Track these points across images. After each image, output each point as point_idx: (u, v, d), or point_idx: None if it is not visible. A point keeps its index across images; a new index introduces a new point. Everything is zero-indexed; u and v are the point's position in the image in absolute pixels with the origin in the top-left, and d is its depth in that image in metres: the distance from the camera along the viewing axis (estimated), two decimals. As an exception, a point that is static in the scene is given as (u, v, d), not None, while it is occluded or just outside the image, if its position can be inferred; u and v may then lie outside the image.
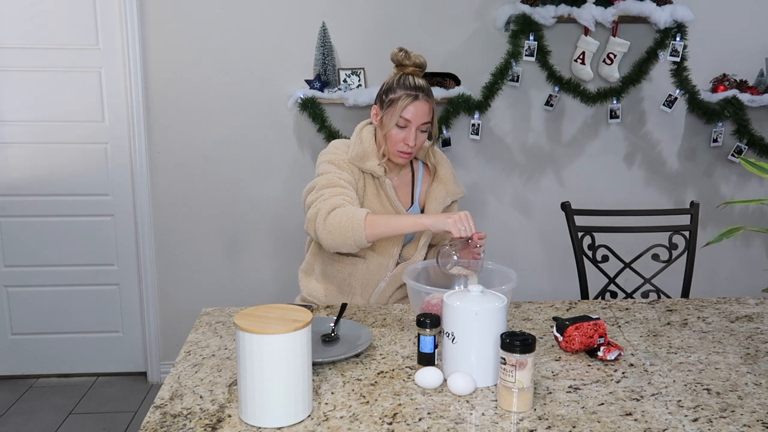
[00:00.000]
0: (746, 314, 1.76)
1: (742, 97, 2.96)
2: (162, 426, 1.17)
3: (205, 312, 1.78)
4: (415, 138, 1.85)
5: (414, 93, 1.83)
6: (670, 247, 2.25)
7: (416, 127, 1.85)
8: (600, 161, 3.17)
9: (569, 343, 1.47)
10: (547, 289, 3.25)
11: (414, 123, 1.84)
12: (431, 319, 1.38)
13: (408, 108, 1.83)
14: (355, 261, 1.96)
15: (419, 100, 1.83)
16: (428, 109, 1.85)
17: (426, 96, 1.85)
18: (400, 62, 1.89)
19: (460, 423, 1.18)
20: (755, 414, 1.22)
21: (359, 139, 1.92)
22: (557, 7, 2.87)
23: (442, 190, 1.99)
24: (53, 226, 3.09)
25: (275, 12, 2.97)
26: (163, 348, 3.24)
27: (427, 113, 1.85)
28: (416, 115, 1.83)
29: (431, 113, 1.86)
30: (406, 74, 1.87)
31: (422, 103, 1.84)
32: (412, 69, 1.88)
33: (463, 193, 2.04)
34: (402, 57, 1.89)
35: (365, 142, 1.91)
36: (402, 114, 1.83)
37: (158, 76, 2.99)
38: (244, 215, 3.12)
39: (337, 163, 1.89)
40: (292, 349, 1.14)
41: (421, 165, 2.04)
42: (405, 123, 1.84)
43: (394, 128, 1.85)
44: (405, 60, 1.88)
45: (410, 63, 1.88)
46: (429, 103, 1.85)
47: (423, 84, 1.86)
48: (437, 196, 1.99)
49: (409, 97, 1.82)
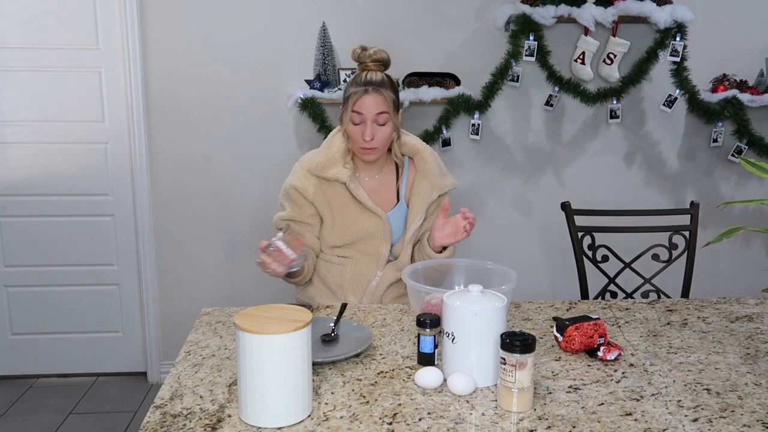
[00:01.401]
0: (746, 314, 1.76)
1: (742, 97, 2.96)
2: (162, 426, 1.17)
3: (205, 312, 1.78)
4: (372, 131, 1.84)
5: (364, 87, 1.83)
6: (670, 247, 2.25)
7: (371, 120, 1.84)
8: (600, 161, 3.17)
9: (569, 343, 1.47)
10: (547, 289, 3.25)
11: (367, 116, 1.83)
12: (431, 319, 1.38)
13: (358, 102, 1.83)
14: (344, 262, 1.96)
15: (369, 93, 1.83)
16: (380, 101, 1.83)
17: (378, 88, 1.83)
18: (358, 60, 1.90)
19: (460, 423, 1.18)
20: (755, 414, 1.22)
21: (328, 145, 1.94)
22: (557, 7, 2.87)
23: (425, 184, 1.97)
24: (53, 226, 3.09)
25: (275, 12, 2.97)
26: (163, 348, 3.24)
27: (379, 104, 1.83)
28: (367, 108, 1.83)
29: (386, 104, 1.84)
30: (364, 71, 1.88)
31: (373, 95, 1.83)
32: (372, 65, 1.88)
33: (453, 185, 2.02)
34: (359, 54, 1.89)
35: (333, 148, 1.92)
36: (354, 108, 1.84)
37: (158, 76, 2.99)
38: (244, 215, 3.12)
39: (293, 198, 1.94)
40: (292, 349, 1.14)
41: (407, 160, 2.02)
42: (359, 118, 1.84)
43: (350, 125, 1.86)
44: (363, 57, 1.89)
45: (368, 59, 1.88)
46: (381, 94, 1.84)
47: (377, 78, 1.85)
48: (420, 191, 1.97)
49: (359, 92, 1.83)
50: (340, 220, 1.94)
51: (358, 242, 1.96)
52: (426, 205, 1.96)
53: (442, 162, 2.04)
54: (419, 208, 1.96)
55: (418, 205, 1.96)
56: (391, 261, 1.99)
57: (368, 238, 1.95)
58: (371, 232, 1.95)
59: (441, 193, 1.99)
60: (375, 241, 1.95)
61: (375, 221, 1.94)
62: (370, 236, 1.95)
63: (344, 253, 1.97)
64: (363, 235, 1.95)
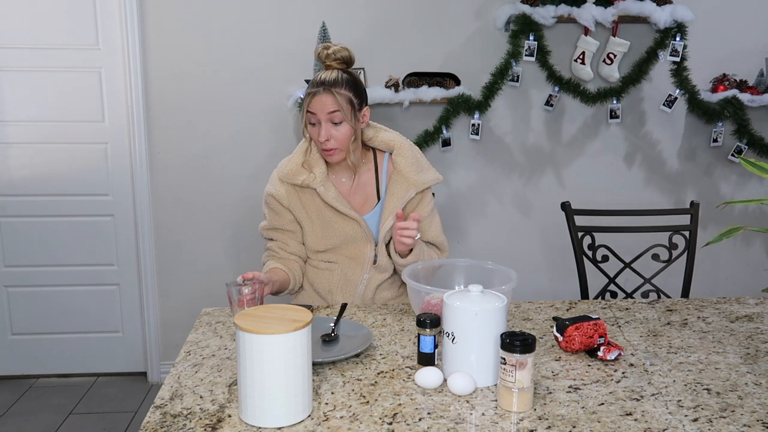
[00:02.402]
0: (746, 314, 1.76)
1: (742, 97, 2.96)
2: (162, 426, 1.17)
3: (205, 312, 1.78)
4: (327, 132, 1.81)
5: (316, 88, 1.80)
6: (670, 247, 2.25)
7: (324, 120, 1.81)
8: (600, 161, 3.17)
9: (569, 343, 1.47)
10: (547, 289, 3.25)
11: (320, 116, 1.81)
12: (431, 319, 1.38)
13: (311, 102, 1.81)
14: (331, 267, 1.94)
15: (320, 93, 1.79)
16: (331, 100, 1.79)
17: (329, 88, 1.79)
18: (319, 59, 1.87)
19: (460, 423, 1.18)
20: (755, 414, 1.22)
21: (298, 151, 1.94)
22: (557, 7, 2.87)
23: (402, 182, 1.91)
24: (53, 226, 3.09)
25: (275, 12, 2.97)
26: (163, 348, 3.24)
27: (330, 104, 1.79)
28: (319, 108, 1.80)
29: (337, 104, 1.79)
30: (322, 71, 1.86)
31: (323, 95, 1.79)
32: (333, 63, 1.85)
33: (435, 180, 1.95)
34: (319, 52, 1.86)
35: (301, 154, 1.92)
36: (307, 108, 1.82)
37: (158, 76, 2.99)
38: (244, 215, 3.12)
39: (271, 205, 1.95)
40: (292, 349, 1.14)
41: (386, 157, 1.96)
42: (313, 118, 1.83)
43: (308, 126, 1.85)
44: (322, 56, 1.86)
45: (328, 59, 1.84)
46: (332, 94, 1.79)
47: (330, 77, 1.81)
48: (396, 190, 1.91)
49: (312, 93, 1.82)
50: (318, 225, 1.91)
51: (341, 246, 1.93)
52: (401, 204, 1.89)
53: (423, 157, 1.97)
54: (392, 208, 1.90)
55: (391, 205, 1.90)
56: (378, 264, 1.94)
57: (350, 241, 1.92)
58: (351, 235, 1.91)
59: (419, 190, 1.91)
60: (357, 243, 1.92)
61: (352, 224, 1.90)
62: (352, 239, 1.92)
63: (330, 258, 1.95)
64: (344, 239, 1.91)
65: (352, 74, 1.86)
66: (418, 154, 1.95)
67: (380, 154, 1.97)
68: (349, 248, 1.93)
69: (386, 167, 1.95)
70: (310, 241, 1.94)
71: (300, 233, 1.96)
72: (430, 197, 1.97)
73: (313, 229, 1.92)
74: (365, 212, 1.93)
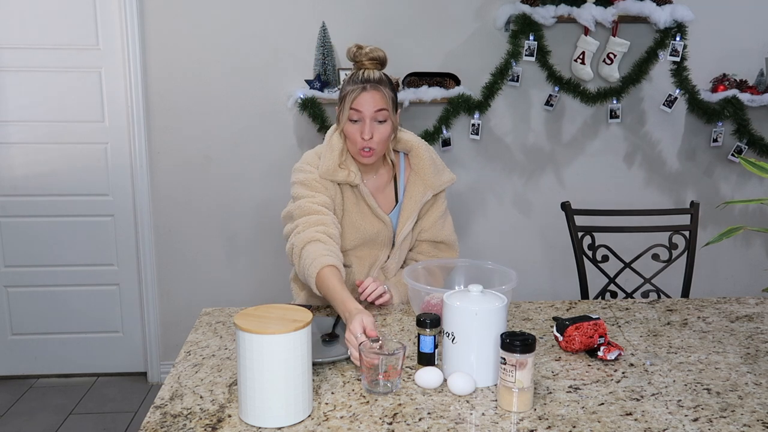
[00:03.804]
0: (746, 314, 1.76)
1: (742, 97, 2.96)
2: (162, 426, 1.17)
3: (205, 312, 1.78)
4: (371, 129, 1.76)
5: (362, 85, 1.76)
6: (670, 247, 2.25)
7: (370, 118, 1.76)
8: (600, 161, 3.17)
9: (569, 343, 1.47)
10: (547, 289, 3.25)
11: (365, 113, 1.76)
12: (431, 319, 1.38)
13: (357, 99, 1.76)
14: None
15: (367, 90, 1.75)
16: (379, 97, 1.76)
17: (376, 85, 1.76)
18: (354, 59, 1.83)
19: (460, 423, 1.18)
20: (755, 414, 1.22)
21: (329, 148, 1.84)
22: (557, 7, 2.87)
23: (419, 184, 1.89)
24: (53, 226, 3.09)
25: (275, 12, 2.97)
26: (163, 348, 3.24)
27: (378, 101, 1.76)
28: (365, 105, 1.76)
29: (385, 101, 1.77)
30: (360, 69, 1.81)
31: (371, 92, 1.76)
32: (368, 63, 1.81)
33: (450, 181, 1.93)
34: (355, 52, 1.82)
35: (335, 150, 1.83)
36: (352, 105, 1.77)
37: (158, 76, 2.99)
38: (244, 215, 3.12)
39: (309, 184, 1.82)
40: (292, 349, 1.14)
41: (402, 158, 1.94)
42: (357, 115, 1.77)
43: (348, 123, 1.79)
44: (359, 56, 1.82)
45: (365, 58, 1.80)
46: (380, 91, 1.77)
47: (374, 76, 1.78)
48: (414, 193, 1.89)
49: (357, 89, 1.76)
50: (347, 223, 1.88)
51: (357, 248, 1.90)
52: (418, 206, 1.88)
53: (438, 157, 1.95)
54: (411, 211, 1.88)
55: (409, 208, 1.89)
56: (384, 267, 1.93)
57: (369, 242, 1.90)
58: (373, 237, 1.89)
59: (436, 192, 1.90)
60: (375, 247, 1.90)
61: (380, 227, 1.88)
62: (371, 241, 1.89)
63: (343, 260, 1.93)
64: (364, 240, 1.89)
65: (387, 75, 1.83)
66: (434, 155, 1.93)
67: (397, 155, 1.94)
68: (364, 250, 1.91)
69: (403, 167, 1.93)
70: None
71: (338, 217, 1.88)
72: (443, 197, 1.96)
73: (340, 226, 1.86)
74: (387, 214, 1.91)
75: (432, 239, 1.95)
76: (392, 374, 1.29)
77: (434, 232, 1.94)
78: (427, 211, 1.93)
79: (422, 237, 1.95)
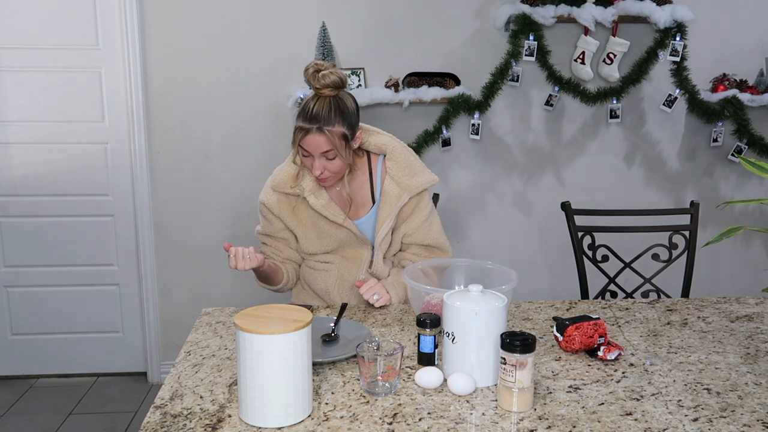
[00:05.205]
0: (746, 314, 1.76)
1: (742, 97, 2.96)
2: (162, 426, 1.18)
3: (205, 312, 1.78)
4: (320, 166, 1.75)
5: (307, 126, 1.71)
6: (670, 246, 2.25)
7: (318, 157, 1.75)
8: (600, 161, 3.17)
9: (569, 343, 1.47)
10: (547, 289, 3.25)
11: (313, 153, 1.75)
12: (431, 319, 1.38)
13: (303, 139, 1.74)
14: (327, 267, 1.93)
15: (312, 133, 1.71)
16: (323, 141, 1.71)
17: (321, 127, 1.70)
18: (309, 82, 1.76)
19: (460, 423, 1.18)
20: (755, 414, 1.22)
21: (289, 160, 1.89)
22: (557, 6, 2.87)
23: (394, 187, 1.86)
24: (53, 226, 3.09)
25: (275, 12, 2.97)
26: (163, 348, 3.24)
27: (322, 144, 1.72)
28: (311, 146, 1.74)
29: (330, 143, 1.72)
30: (313, 98, 1.75)
31: (315, 135, 1.71)
32: (324, 90, 1.74)
33: (429, 182, 1.89)
34: (310, 76, 1.74)
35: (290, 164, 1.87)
36: (300, 143, 1.76)
37: (158, 76, 2.99)
38: (244, 215, 3.12)
39: (263, 213, 1.93)
40: (292, 349, 1.14)
41: (380, 160, 1.91)
42: (306, 152, 1.77)
43: (301, 157, 1.80)
44: (313, 81, 1.74)
45: (318, 84, 1.73)
46: (324, 134, 1.71)
47: (322, 113, 1.71)
48: (389, 196, 1.86)
49: (302, 131, 1.73)
50: (313, 232, 1.89)
51: (338, 249, 1.92)
52: (395, 209, 1.86)
53: (418, 159, 1.92)
54: (387, 213, 1.86)
55: (386, 210, 1.86)
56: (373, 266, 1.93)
57: (346, 244, 1.91)
58: (345, 240, 1.89)
59: (413, 194, 1.86)
60: (353, 246, 1.91)
61: (344, 231, 1.88)
62: (347, 243, 1.90)
63: (326, 258, 1.93)
64: (339, 243, 1.90)
65: (342, 101, 1.76)
66: (412, 157, 1.90)
67: (374, 157, 1.92)
68: (345, 251, 1.92)
69: (380, 170, 1.91)
70: (305, 246, 1.92)
71: (292, 240, 1.94)
72: (427, 200, 1.93)
73: (308, 236, 1.90)
74: (360, 216, 1.91)
75: (419, 243, 1.94)
76: (391, 375, 1.29)
77: (420, 235, 1.92)
78: (410, 214, 1.91)
79: (409, 241, 1.94)
